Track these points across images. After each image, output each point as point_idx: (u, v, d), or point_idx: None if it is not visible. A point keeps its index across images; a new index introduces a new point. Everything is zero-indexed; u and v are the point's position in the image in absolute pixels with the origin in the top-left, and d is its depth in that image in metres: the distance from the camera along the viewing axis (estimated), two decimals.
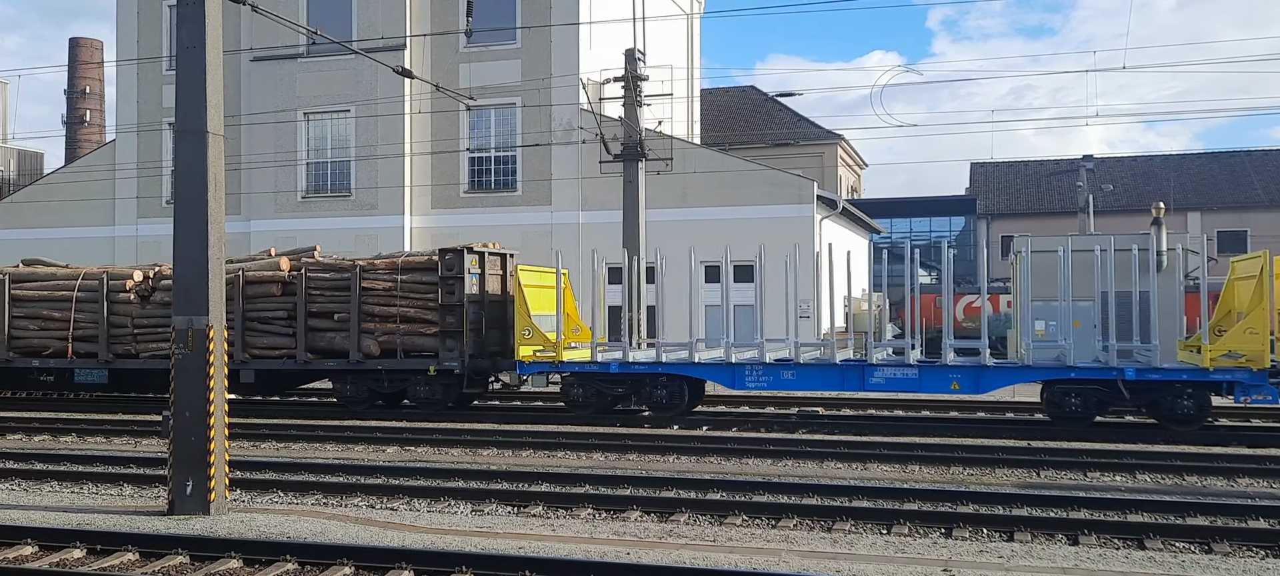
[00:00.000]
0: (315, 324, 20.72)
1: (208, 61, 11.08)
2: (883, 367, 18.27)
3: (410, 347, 20.17)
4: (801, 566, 8.87)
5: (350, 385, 20.79)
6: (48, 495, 12.67)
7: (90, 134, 54.26)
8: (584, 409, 19.45)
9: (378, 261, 20.77)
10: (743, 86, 54.55)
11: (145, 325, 21.66)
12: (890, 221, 52.96)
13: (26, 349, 22.61)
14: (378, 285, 20.34)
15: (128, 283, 21.78)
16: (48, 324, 22.34)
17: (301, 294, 20.67)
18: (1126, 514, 11.11)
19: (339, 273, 20.68)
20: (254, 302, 21.07)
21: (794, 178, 33.49)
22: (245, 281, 20.98)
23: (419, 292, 20.17)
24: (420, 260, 20.43)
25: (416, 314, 20.11)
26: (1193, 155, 57.08)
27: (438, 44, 34.14)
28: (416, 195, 34.99)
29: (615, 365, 19.28)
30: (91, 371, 22.23)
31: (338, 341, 20.55)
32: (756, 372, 18.68)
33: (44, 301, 22.50)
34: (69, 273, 22.93)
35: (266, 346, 21.02)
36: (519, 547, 9.46)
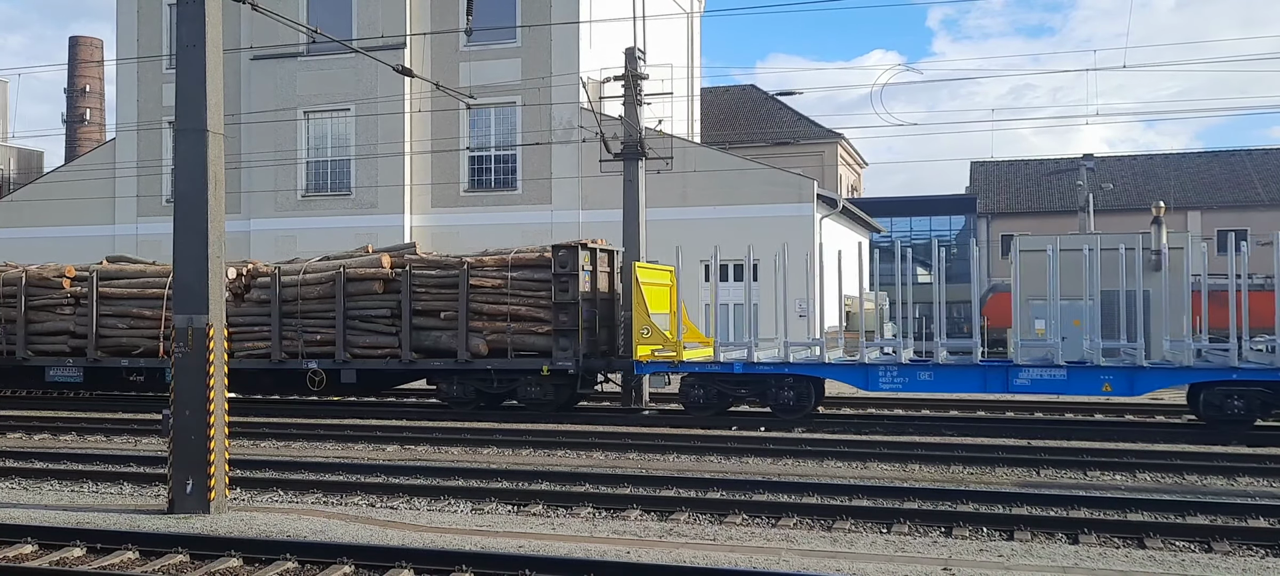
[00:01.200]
0: (420, 322, 20.20)
1: (208, 60, 11.08)
2: (1029, 369, 17.55)
3: (520, 347, 19.74)
4: (801, 565, 8.87)
5: (457, 385, 20.25)
6: (48, 493, 12.67)
7: (90, 133, 54.24)
8: (704, 410, 18.91)
9: (486, 258, 20.27)
10: (743, 85, 54.51)
11: (241, 324, 21.16)
12: (890, 220, 52.91)
13: (115, 348, 22.02)
14: (486, 282, 19.86)
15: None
16: (138, 322, 21.80)
17: (407, 292, 20.13)
18: (1126, 513, 11.11)
19: (445, 270, 20.20)
20: (355, 300, 20.56)
21: (794, 177, 33.48)
22: (346, 278, 20.48)
23: (530, 290, 19.70)
24: (531, 257, 19.94)
25: (528, 312, 19.67)
26: (1193, 154, 57.09)
27: (438, 43, 34.13)
28: (416, 194, 34.98)
29: (739, 365, 18.72)
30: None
31: (444, 340, 20.05)
32: (891, 373, 18.10)
33: (134, 299, 21.98)
34: (159, 270, 22.26)
35: (368, 345, 20.55)
36: (519, 546, 9.46)
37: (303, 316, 20.87)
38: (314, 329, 20.82)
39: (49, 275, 22.62)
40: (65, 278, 22.47)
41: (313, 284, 20.80)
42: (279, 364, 20.97)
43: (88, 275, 22.34)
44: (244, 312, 21.30)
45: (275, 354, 20.91)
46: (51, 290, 22.59)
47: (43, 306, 22.60)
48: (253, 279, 21.44)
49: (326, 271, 20.74)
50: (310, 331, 20.82)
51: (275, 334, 20.89)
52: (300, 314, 20.86)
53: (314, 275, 20.85)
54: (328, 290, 20.62)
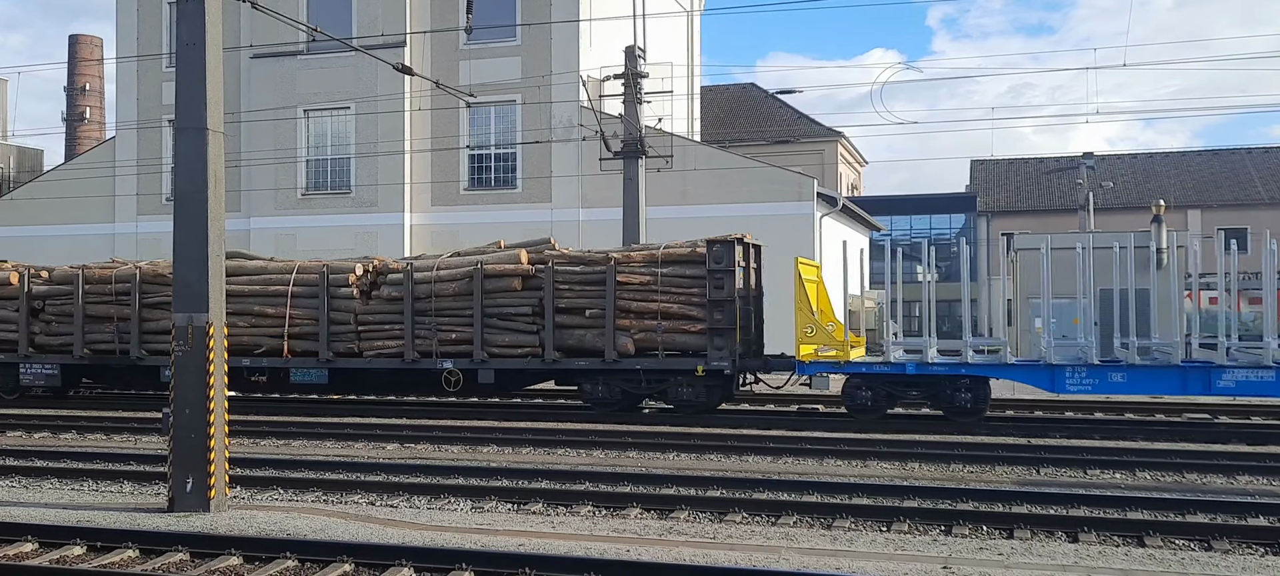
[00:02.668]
0: (563, 320, 19.50)
1: (208, 59, 11.08)
2: (1233, 369, 16.58)
3: (670, 346, 19.08)
4: (801, 564, 8.87)
5: (602, 385, 19.52)
6: (47, 492, 12.66)
7: (90, 131, 54.22)
8: (868, 413, 18.24)
9: (633, 254, 19.53)
10: (743, 84, 54.49)
11: (370, 322, 20.50)
12: (890, 219, 52.88)
13: (236, 347, 21.01)
14: (634, 279, 19.10)
15: (350, 277, 20.53)
16: (260, 320, 21.03)
17: (549, 289, 19.42)
18: (1126, 511, 11.10)
19: (590, 266, 19.48)
20: (494, 298, 19.79)
21: (794, 175, 33.45)
22: (484, 275, 19.74)
23: (681, 287, 18.98)
24: (682, 252, 19.22)
25: (679, 309, 18.95)
26: (1193, 152, 57.03)
27: (438, 41, 34.11)
28: (416, 192, 34.96)
29: (912, 366, 17.98)
30: (310, 371, 20.90)
31: (588, 339, 19.36)
32: (1079, 375, 17.26)
33: (256, 296, 21.12)
34: (281, 266, 21.67)
35: (507, 344, 19.81)
36: (519, 545, 9.46)
37: (436, 315, 20.05)
38: (449, 327, 20.01)
39: (164, 271, 21.50)
40: None
41: (447, 281, 20.02)
42: (412, 364, 20.21)
43: None
44: (372, 311, 20.54)
45: (408, 353, 20.12)
46: (166, 287, 20.88)
47: (158, 304, 21.56)
48: (380, 276, 20.65)
49: (462, 268, 20.04)
50: (445, 330, 20.01)
51: (408, 333, 20.09)
52: (434, 312, 20.04)
53: (448, 271, 20.08)
54: (464, 287, 19.88)
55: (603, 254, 19.75)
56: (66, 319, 22.38)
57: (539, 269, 19.63)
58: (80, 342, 22.09)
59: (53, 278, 22.71)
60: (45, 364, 22.35)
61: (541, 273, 19.57)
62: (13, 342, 22.69)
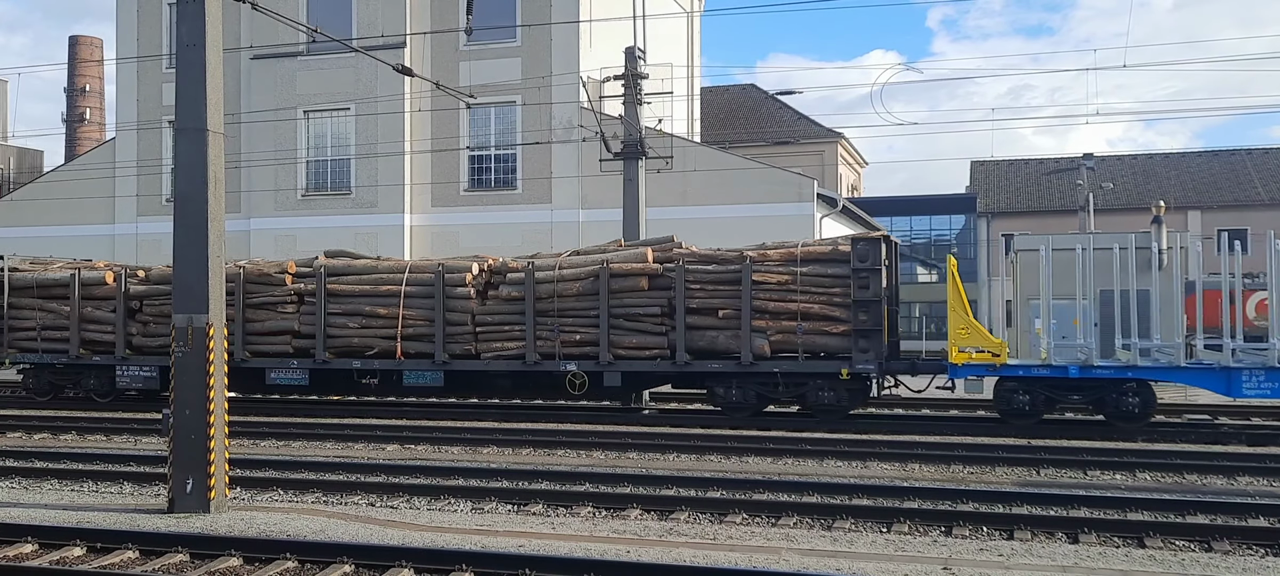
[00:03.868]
0: (694, 321, 18.86)
1: (208, 59, 11.08)
2: None
3: (811, 348, 18.36)
4: (801, 564, 8.86)
5: (737, 389, 18.78)
6: (47, 493, 12.66)
7: (90, 132, 54.22)
8: (1024, 418, 17.61)
9: (770, 252, 18.76)
10: (743, 85, 54.51)
11: (489, 323, 19.93)
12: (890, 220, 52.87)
13: (345, 349, 20.67)
14: (771, 278, 18.41)
15: (467, 276, 19.94)
16: (371, 321, 20.45)
17: (680, 288, 18.78)
18: (1126, 512, 11.11)
19: (724, 265, 18.80)
20: (619, 298, 19.12)
21: (794, 176, 33.46)
22: (610, 274, 19.09)
23: (822, 286, 18.27)
24: (823, 250, 18.54)
25: (820, 310, 18.24)
26: (1193, 153, 56.99)
27: (438, 42, 34.11)
28: (416, 193, 34.96)
29: (1075, 369, 17.24)
30: (424, 374, 20.24)
31: (722, 341, 18.69)
32: (1257, 378, 16.50)
33: (366, 296, 20.56)
34: (392, 265, 21.09)
35: (635, 346, 19.15)
36: (519, 546, 9.45)
37: (559, 315, 19.46)
38: (572, 328, 19.41)
39: (269, 271, 21.31)
40: (287, 274, 21.10)
41: (570, 280, 19.43)
42: (533, 366, 19.60)
43: (314, 271, 20.92)
44: (491, 311, 19.97)
45: (530, 355, 19.52)
46: (272, 287, 21.14)
47: (262, 304, 21.19)
48: (499, 275, 20.12)
49: (586, 267, 19.46)
50: (568, 331, 19.41)
51: (530, 334, 19.48)
52: (557, 312, 19.45)
53: (571, 271, 19.49)
54: (588, 287, 19.28)
55: (736, 252, 19.15)
56: (166, 320, 20.93)
57: (668, 268, 19.07)
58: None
59: (151, 277, 22.11)
60: (143, 366, 21.71)
61: (670, 271, 19.01)
62: (109, 344, 22.11)
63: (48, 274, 23.05)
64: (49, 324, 22.61)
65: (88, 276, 22.39)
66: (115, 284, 22.13)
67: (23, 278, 23.07)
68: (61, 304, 22.49)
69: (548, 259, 20.18)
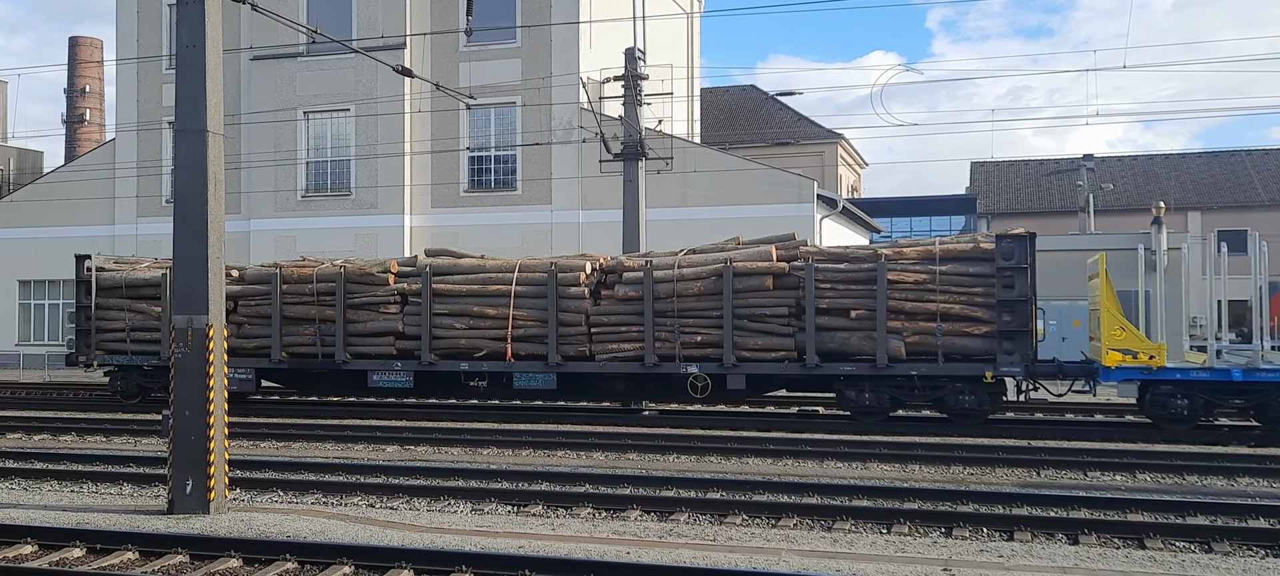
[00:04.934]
0: (824, 322, 18.19)
1: (207, 60, 11.08)
2: None
3: (950, 349, 17.70)
4: (801, 565, 8.86)
5: (869, 392, 18.20)
6: (47, 494, 12.66)
7: (90, 133, 54.24)
8: (1180, 424, 16.91)
9: (905, 250, 18.15)
10: (743, 86, 54.54)
11: (604, 323, 19.25)
12: (891, 220, 52.89)
13: (452, 350, 20.01)
14: (907, 278, 17.76)
15: (580, 275, 19.30)
16: (479, 322, 19.78)
17: (810, 288, 18.12)
18: (1127, 513, 11.10)
19: (856, 264, 18.17)
20: (744, 297, 18.48)
21: (794, 177, 33.47)
22: (734, 273, 18.47)
23: (963, 286, 17.62)
24: (964, 248, 17.85)
25: (961, 310, 17.58)
26: (1192, 154, 57.01)
27: (438, 43, 34.13)
28: (416, 194, 34.98)
29: (1238, 372, 16.55)
30: (536, 376, 19.63)
31: (853, 342, 18.07)
32: None
33: (474, 296, 19.88)
34: (500, 264, 20.41)
35: (760, 347, 18.47)
36: (519, 547, 9.45)
37: (679, 315, 18.84)
38: (693, 329, 18.81)
39: (372, 270, 20.69)
40: (390, 273, 20.51)
41: (691, 279, 18.81)
42: (652, 368, 18.98)
43: (418, 270, 20.35)
44: (605, 311, 19.31)
45: (649, 357, 18.90)
46: (375, 287, 20.54)
47: (364, 305, 20.57)
48: (612, 274, 19.50)
49: (708, 265, 18.82)
50: (689, 332, 18.81)
51: (649, 335, 18.87)
52: (677, 313, 18.83)
53: (692, 270, 18.88)
54: (710, 286, 18.65)
55: (869, 250, 18.62)
56: (261, 321, 21.22)
57: (795, 266, 18.45)
58: (278, 345, 20.94)
59: (246, 277, 21.58)
60: (237, 368, 21.10)
61: (798, 270, 18.38)
62: None
63: (136, 274, 22.43)
64: (138, 325, 22.05)
65: None
66: None
67: (110, 278, 22.47)
68: (151, 304, 21.91)
69: (665, 257, 19.61)
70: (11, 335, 39.25)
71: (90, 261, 22.81)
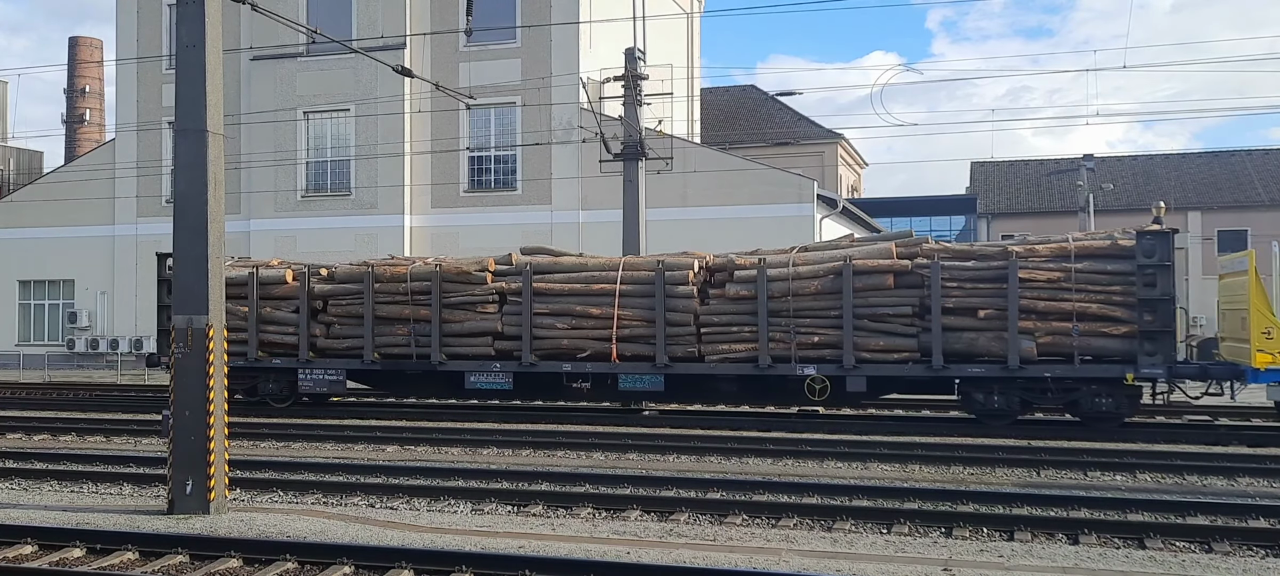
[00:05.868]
0: (950, 322, 17.57)
1: (207, 60, 11.08)
2: None
3: (1085, 350, 17.10)
4: (801, 565, 8.86)
5: (998, 394, 17.59)
6: (47, 494, 12.66)
7: (90, 133, 54.21)
8: None
9: (1037, 247, 17.54)
10: (743, 86, 54.55)
11: (714, 323, 18.67)
12: (891, 221, 52.82)
13: (552, 351, 19.48)
14: (1040, 276, 17.15)
15: (689, 274, 18.79)
16: (582, 322, 19.22)
17: (935, 286, 17.46)
18: (1127, 513, 11.10)
19: (985, 261, 17.56)
20: (864, 296, 17.91)
21: (794, 177, 33.49)
22: (854, 271, 17.88)
23: (1100, 284, 17.01)
24: (1101, 245, 17.23)
25: (1098, 310, 16.97)
26: (1193, 154, 56.97)
27: (437, 43, 34.14)
28: (416, 194, 35.00)
29: None
30: (642, 377, 19.05)
31: (981, 343, 17.48)
32: None
33: (577, 295, 19.34)
34: (603, 262, 19.84)
35: (881, 348, 17.91)
36: (519, 547, 9.45)
37: (794, 315, 18.19)
38: (809, 329, 18.17)
39: (469, 269, 20.06)
40: (487, 272, 19.92)
41: (806, 277, 18.18)
42: (766, 370, 18.34)
43: (518, 269, 19.79)
44: (715, 311, 18.72)
45: (762, 358, 18.27)
46: (472, 286, 19.92)
47: (461, 304, 19.95)
48: (721, 272, 18.87)
49: (825, 263, 18.22)
50: (805, 332, 18.17)
51: (762, 335, 18.21)
52: (792, 312, 18.18)
53: (808, 268, 18.25)
54: (828, 284, 18.02)
55: (998, 247, 18.04)
56: (352, 320, 20.70)
57: (918, 264, 17.81)
58: (370, 346, 20.38)
59: (336, 276, 21.07)
60: (328, 369, 20.66)
61: (922, 268, 17.74)
62: (291, 347, 20.95)
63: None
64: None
65: (266, 275, 21.23)
66: (297, 283, 20.97)
67: None
68: (237, 304, 21.10)
69: (778, 255, 18.97)
70: (11, 335, 39.27)
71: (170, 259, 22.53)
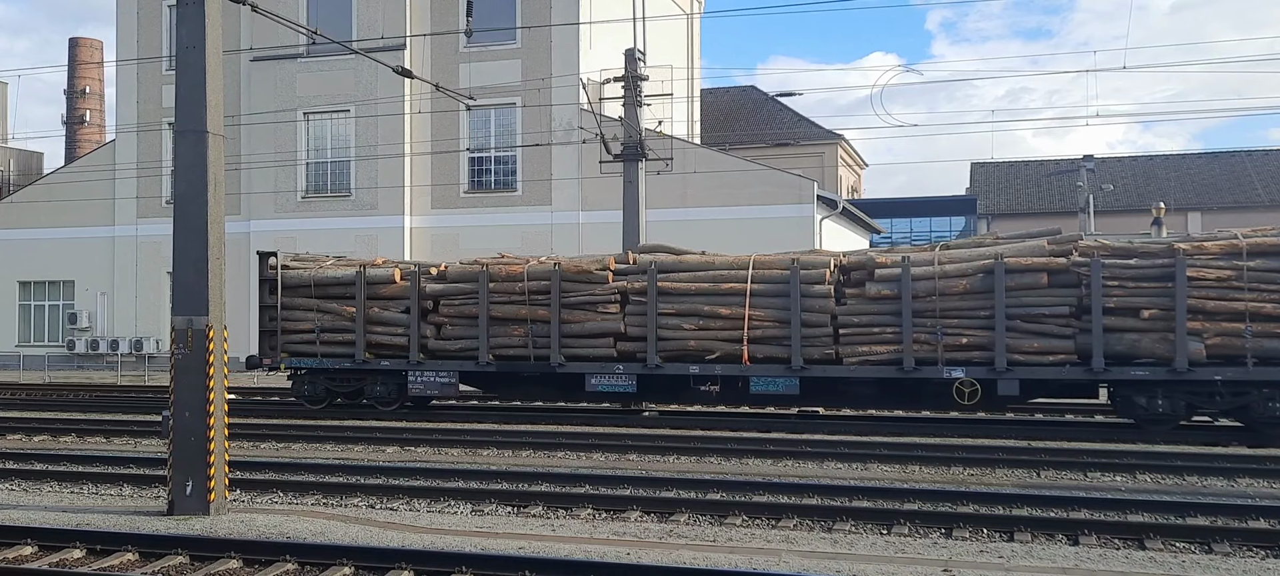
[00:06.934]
0: (1111, 322, 16.81)
1: (208, 61, 11.08)
2: None
3: (1260, 352, 16.34)
4: (801, 566, 8.86)
5: (1162, 398, 16.88)
6: (47, 495, 12.66)
7: (90, 134, 54.22)
8: None
9: (1206, 244, 16.83)
10: (743, 86, 54.61)
11: (853, 324, 18.02)
12: (891, 221, 52.92)
13: (679, 353, 18.88)
14: (1208, 274, 16.45)
15: (824, 272, 18.18)
16: (710, 322, 18.60)
17: (1096, 285, 16.71)
18: (1127, 514, 11.10)
19: (1149, 259, 16.76)
20: (1017, 296, 17.17)
21: (794, 178, 33.50)
22: (1006, 269, 17.17)
23: (1275, 283, 16.37)
24: (1275, 242, 16.46)
25: (1273, 309, 16.29)
26: (1192, 155, 57.00)
27: (438, 44, 34.15)
28: (416, 195, 35.01)
29: None
30: (776, 381, 18.43)
31: (1144, 344, 16.80)
32: None
33: (705, 295, 18.71)
34: (731, 261, 19.13)
35: (1036, 350, 17.18)
36: (519, 548, 9.45)
37: (941, 316, 17.56)
38: (957, 331, 17.53)
39: (590, 267, 19.48)
40: (608, 271, 19.34)
41: (954, 277, 17.53)
42: (909, 372, 17.67)
43: (642, 267, 19.22)
44: (854, 311, 18.07)
45: (906, 360, 17.60)
46: (593, 285, 19.35)
47: (580, 304, 19.38)
48: (858, 271, 18.28)
49: (975, 260, 17.58)
50: (952, 333, 17.52)
51: (906, 337, 17.57)
52: (939, 313, 17.55)
53: (956, 266, 17.63)
54: (978, 283, 17.35)
55: (1163, 244, 17.27)
56: (465, 321, 20.11)
57: (1075, 262, 17.07)
58: (485, 348, 19.81)
59: (449, 275, 20.43)
60: (439, 371, 20.16)
61: (1078, 266, 17.00)
62: (399, 348, 20.41)
63: (326, 271, 21.27)
64: (328, 326, 20.86)
65: (374, 274, 20.77)
66: (405, 282, 20.46)
67: (297, 276, 21.23)
68: (343, 304, 20.79)
69: (922, 253, 18.45)
70: (11, 336, 39.29)
71: (274, 259, 21.60)
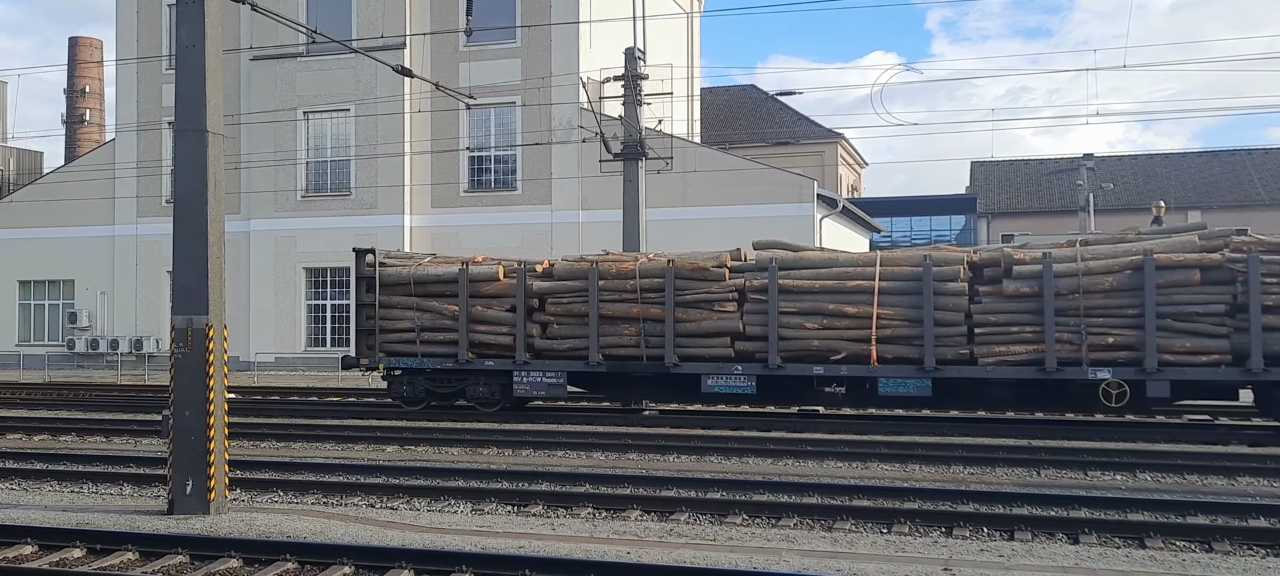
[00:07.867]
0: (1271, 321, 16.29)
1: (207, 61, 11.07)
2: None
3: None
4: (802, 565, 8.86)
5: None
6: (47, 494, 12.65)
7: (90, 133, 54.18)
8: None
9: None
10: (743, 85, 54.57)
11: (990, 323, 17.42)
12: (891, 220, 52.91)
13: (801, 353, 18.31)
14: None
15: (958, 269, 17.56)
16: (835, 321, 18.03)
17: (1254, 283, 16.17)
18: (1127, 512, 11.10)
19: None
20: (1167, 293, 16.63)
21: (794, 177, 33.49)
22: (1156, 266, 16.64)
23: None
24: None
25: None
26: (1192, 154, 57.02)
27: (437, 43, 34.15)
28: (416, 194, 35.00)
29: None
30: (906, 382, 17.82)
31: None
32: None
33: (829, 293, 18.15)
34: (857, 258, 18.73)
35: (1189, 349, 16.64)
36: (519, 547, 9.45)
37: (1085, 314, 16.96)
38: (1102, 330, 16.95)
39: (706, 265, 18.91)
40: (725, 268, 18.78)
41: (1099, 273, 16.91)
42: (1051, 373, 17.10)
43: (762, 264, 18.65)
44: (991, 309, 17.53)
45: (1048, 361, 17.02)
46: (709, 283, 18.80)
47: (696, 303, 18.84)
48: (992, 267, 17.75)
49: (1123, 256, 17.00)
50: (1097, 332, 16.94)
51: (1049, 336, 16.99)
52: (1083, 311, 16.95)
53: (1101, 262, 17.00)
54: (1125, 281, 16.77)
55: None
56: (574, 320, 19.64)
57: (1230, 258, 16.50)
58: (595, 347, 19.32)
59: (556, 273, 19.96)
60: (546, 371, 19.68)
61: (1233, 263, 16.42)
62: (504, 348, 19.97)
63: (427, 269, 20.81)
64: (428, 325, 20.41)
65: (477, 272, 20.35)
66: (510, 281, 20.05)
67: (396, 274, 20.80)
68: (444, 303, 20.36)
69: (1063, 249, 17.73)
70: (11, 335, 39.29)
71: (371, 256, 21.16)
